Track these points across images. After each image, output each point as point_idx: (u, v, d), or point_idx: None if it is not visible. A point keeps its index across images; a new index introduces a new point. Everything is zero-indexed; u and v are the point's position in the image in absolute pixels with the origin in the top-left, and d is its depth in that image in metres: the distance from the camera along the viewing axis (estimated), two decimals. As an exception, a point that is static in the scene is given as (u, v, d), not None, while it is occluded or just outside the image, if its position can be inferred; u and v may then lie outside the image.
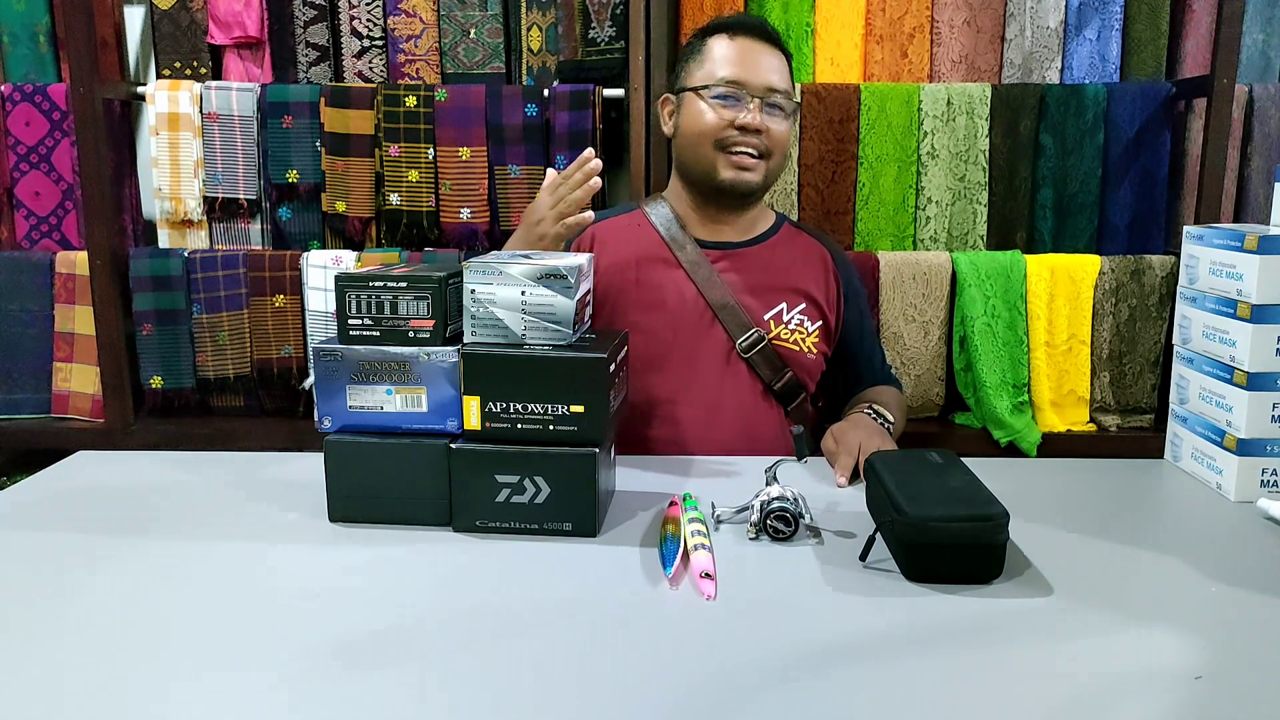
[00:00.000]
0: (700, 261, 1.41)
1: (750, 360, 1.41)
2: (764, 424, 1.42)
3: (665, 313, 1.40)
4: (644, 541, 1.01)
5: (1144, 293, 2.08)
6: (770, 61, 1.36)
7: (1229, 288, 1.17)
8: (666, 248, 1.42)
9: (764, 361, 1.41)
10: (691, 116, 1.37)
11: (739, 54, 1.35)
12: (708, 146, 1.36)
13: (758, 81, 1.34)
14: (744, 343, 1.40)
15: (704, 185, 1.40)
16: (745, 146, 1.35)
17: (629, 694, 0.72)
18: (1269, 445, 1.14)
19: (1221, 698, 0.72)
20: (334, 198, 2.15)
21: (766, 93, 1.35)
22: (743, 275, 1.43)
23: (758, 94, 1.34)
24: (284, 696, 0.72)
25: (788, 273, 1.45)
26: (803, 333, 1.44)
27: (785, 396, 1.44)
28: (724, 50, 1.36)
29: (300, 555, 0.98)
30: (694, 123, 1.37)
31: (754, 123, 1.33)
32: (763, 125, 1.34)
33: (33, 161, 2.18)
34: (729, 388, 1.41)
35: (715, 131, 1.35)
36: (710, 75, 1.36)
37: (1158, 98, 2.09)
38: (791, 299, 1.44)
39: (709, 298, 1.40)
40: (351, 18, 2.19)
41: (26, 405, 2.18)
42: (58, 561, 0.96)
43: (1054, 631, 0.82)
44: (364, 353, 1.03)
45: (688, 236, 1.43)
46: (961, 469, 1.03)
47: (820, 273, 1.48)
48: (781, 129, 1.37)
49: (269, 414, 2.22)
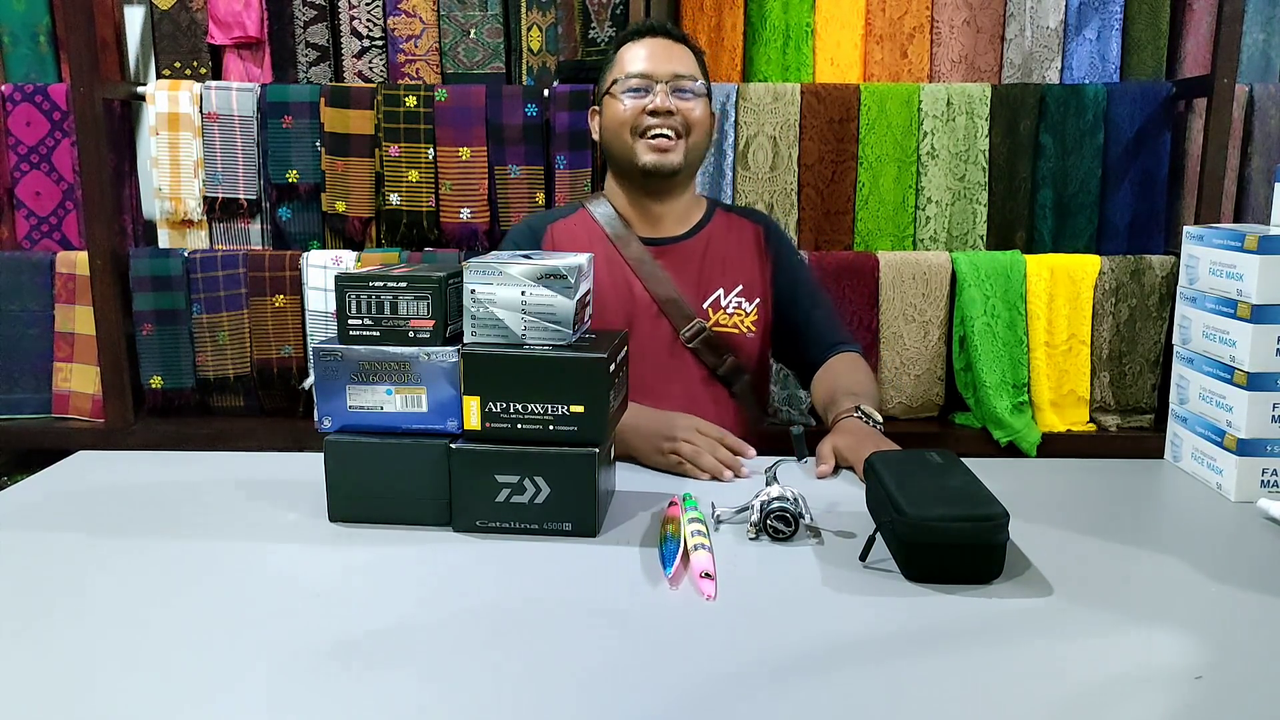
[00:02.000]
0: (644, 258, 1.49)
1: (694, 349, 1.48)
2: (709, 409, 1.47)
3: (618, 310, 1.47)
4: (644, 541, 1.01)
5: (1144, 293, 2.08)
6: (674, 53, 1.48)
7: (1229, 288, 1.17)
8: (613, 246, 1.50)
9: (706, 349, 1.49)
10: (610, 113, 1.49)
11: (646, 52, 1.47)
12: (627, 135, 1.46)
13: (662, 70, 1.45)
14: (687, 333, 1.48)
15: (631, 174, 1.49)
16: (660, 129, 1.44)
17: (629, 694, 0.72)
18: (1269, 445, 1.14)
19: (1221, 698, 0.72)
20: (334, 198, 2.15)
21: (673, 78, 1.45)
22: (683, 267, 1.51)
23: (664, 79, 1.45)
24: (284, 696, 0.72)
25: (724, 259, 1.54)
26: (740, 314, 1.52)
27: (726, 380, 1.51)
28: (633, 52, 1.49)
29: (300, 555, 0.98)
30: (613, 117, 1.48)
31: (663, 105, 1.43)
32: (673, 106, 1.44)
33: (33, 161, 2.18)
34: (676, 378, 1.48)
35: (631, 119, 1.45)
36: (621, 72, 1.48)
37: (1158, 98, 2.09)
38: (728, 284, 1.52)
39: (654, 293, 1.48)
40: (351, 18, 2.19)
41: (27, 405, 2.18)
42: (58, 561, 0.96)
43: (1054, 631, 0.82)
44: (364, 353, 1.03)
45: (631, 234, 1.51)
46: (961, 469, 1.02)
47: (753, 252, 1.56)
48: (693, 108, 1.47)
49: (269, 414, 2.22)
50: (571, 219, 1.54)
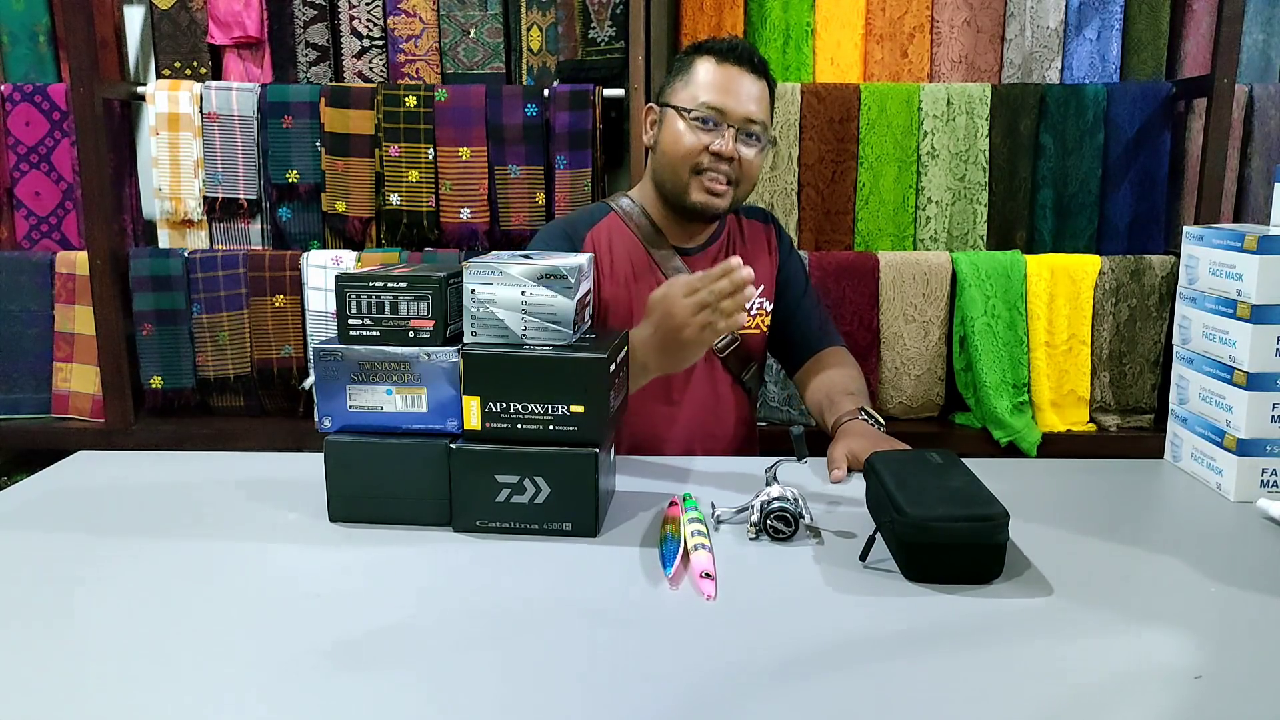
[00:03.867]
0: (681, 267, 1.48)
1: (723, 359, 1.50)
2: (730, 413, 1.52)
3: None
4: (644, 541, 1.01)
5: (1144, 293, 2.08)
6: (752, 90, 1.40)
7: (1229, 288, 1.17)
8: (649, 257, 1.48)
9: (734, 358, 1.51)
10: (671, 135, 1.42)
11: (723, 80, 1.39)
12: (683, 168, 1.40)
13: (737, 110, 1.39)
14: (720, 342, 1.49)
15: (674, 202, 1.45)
16: (717, 172, 1.40)
17: (629, 694, 0.72)
18: (1269, 445, 1.14)
19: (1221, 698, 0.72)
20: (334, 198, 2.15)
21: (744, 122, 1.39)
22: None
23: (735, 123, 1.39)
24: (284, 696, 0.72)
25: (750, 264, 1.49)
26: (762, 314, 1.55)
27: (748, 387, 1.55)
28: (709, 74, 1.40)
29: (300, 555, 0.98)
30: (673, 142, 1.41)
31: (728, 150, 1.38)
32: (736, 154, 1.39)
33: (33, 161, 2.18)
34: (703, 384, 1.49)
35: (691, 155, 1.39)
36: (693, 98, 1.40)
37: (1158, 98, 2.09)
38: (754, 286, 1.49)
39: None
40: (351, 18, 2.19)
41: (26, 405, 2.18)
42: (58, 561, 0.96)
43: (1054, 631, 0.82)
44: (364, 353, 1.03)
45: (664, 240, 1.49)
46: (961, 469, 1.03)
47: (766, 251, 1.57)
48: (753, 158, 1.42)
49: (269, 414, 2.22)
50: (604, 224, 1.50)
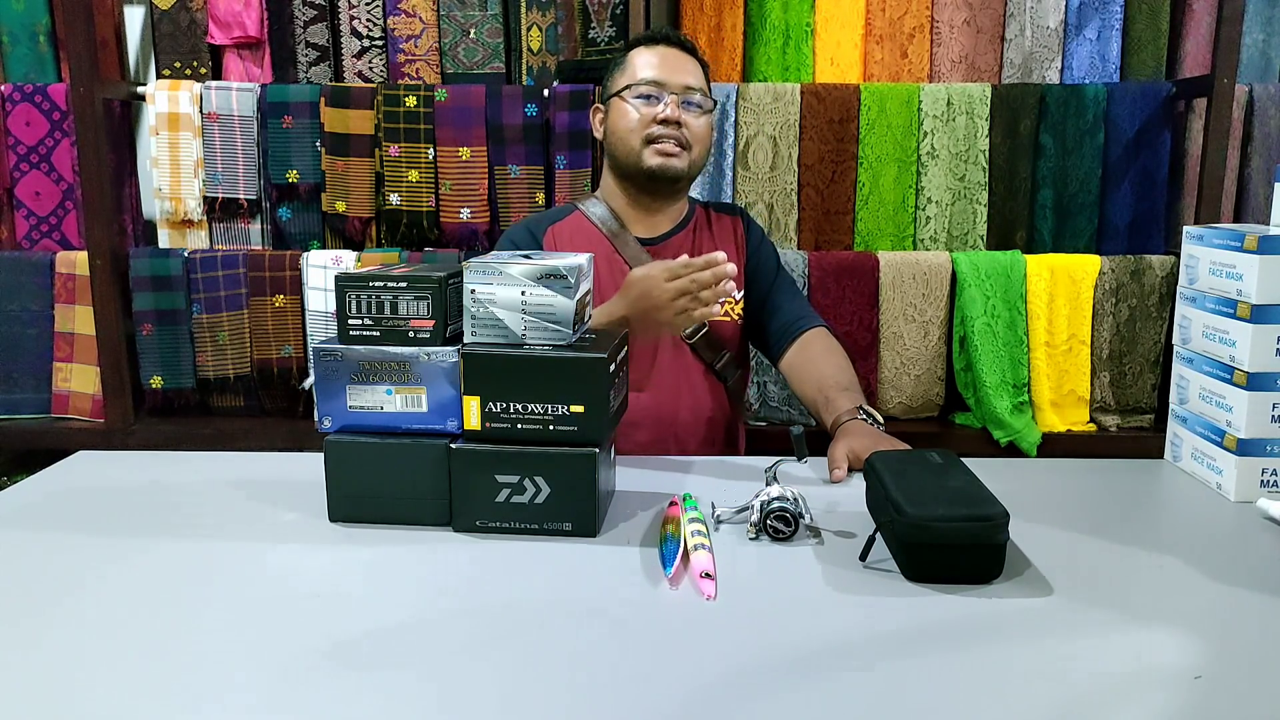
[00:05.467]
0: (642, 256, 1.51)
1: (693, 346, 1.52)
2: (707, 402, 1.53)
3: None
4: (644, 541, 1.01)
5: (1144, 293, 2.08)
6: (686, 65, 1.51)
7: (1229, 288, 1.17)
8: (611, 245, 1.52)
9: (705, 345, 1.52)
10: (619, 115, 1.51)
11: (658, 60, 1.50)
12: (635, 139, 1.48)
13: (675, 79, 1.48)
14: (688, 329, 1.49)
15: (636, 176, 1.50)
16: (668, 138, 1.47)
17: (629, 694, 0.72)
18: (1269, 445, 1.14)
19: (1221, 698, 0.72)
20: (334, 198, 2.15)
21: (684, 90, 1.48)
22: None
23: (675, 91, 1.48)
24: (283, 696, 0.72)
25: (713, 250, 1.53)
26: (730, 301, 1.56)
27: (723, 375, 1.55)
28: (645, 58, 1.51)
29: (300, 555, 0.98)
30: (622, 121, 1.50)
31: (674, 115, 1.46)
32: (681, 119, 1.47)
33: (33, 161, 2.18)
34: (677, 374, 1.51)
35: (641, 127, 1.48)
36: (633, 78, 1.50)
37: (1158, 98, 2.09)
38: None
39: None
40: (351, 18, 2.19)
41: (26, 405, 2.18)
42: (57, 562, 0.96)
43: (1054, 631, 0.82)
44: (364, 353, 1.03)
45: (627, 233, 1.53)
46: (961, 469, 1.02)
47: (732, 241, 1.59)
48: (699, 124, 1.50)
49: (269, 414, 2.22)
50: (568, 221, 1.56)
